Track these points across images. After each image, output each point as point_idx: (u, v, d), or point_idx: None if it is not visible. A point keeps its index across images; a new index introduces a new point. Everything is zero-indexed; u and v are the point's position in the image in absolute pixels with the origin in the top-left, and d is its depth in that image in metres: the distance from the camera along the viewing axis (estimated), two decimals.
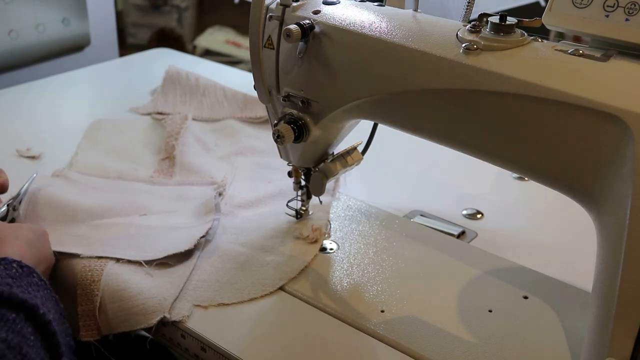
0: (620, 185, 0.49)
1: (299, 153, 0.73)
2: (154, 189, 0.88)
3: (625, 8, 0.51)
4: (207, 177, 0.91)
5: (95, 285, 0.68)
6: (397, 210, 0.85)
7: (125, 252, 0.72)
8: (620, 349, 0.51)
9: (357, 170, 0.79)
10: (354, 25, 0.62)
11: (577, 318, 0.66)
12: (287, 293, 0.69)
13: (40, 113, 1.10)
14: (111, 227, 0.78)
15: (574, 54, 0.53)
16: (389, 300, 0.68)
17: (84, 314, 0.67)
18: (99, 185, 0.87)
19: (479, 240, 0.80)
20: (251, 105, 1.11)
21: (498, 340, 0.63)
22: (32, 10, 1.27)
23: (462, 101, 0.56)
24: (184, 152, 0.95)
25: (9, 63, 1.28)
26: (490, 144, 0.58)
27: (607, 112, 0.49)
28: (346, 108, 0.65)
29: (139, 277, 0.69)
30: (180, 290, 0.68)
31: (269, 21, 0.67)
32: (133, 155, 0.97)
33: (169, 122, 1.03)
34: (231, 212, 0.83)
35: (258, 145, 1.01)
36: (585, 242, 0.74)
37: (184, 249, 0.73)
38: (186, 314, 0.65)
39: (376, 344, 0.63)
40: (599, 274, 0.54)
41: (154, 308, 0.65)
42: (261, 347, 0.63)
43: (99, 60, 1.40)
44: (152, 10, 2.95)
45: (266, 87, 0.68)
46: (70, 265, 0.71)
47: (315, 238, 0.76)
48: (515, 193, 0.91)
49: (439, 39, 0.57)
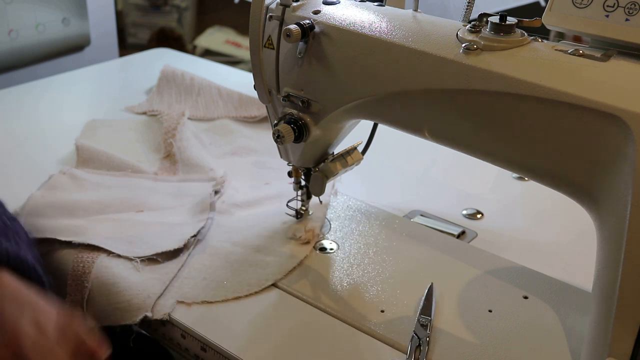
0: (620, 185, 0.49)
1: (299, 153, 0.73)
2: (156, 185, 0.88)
3: (625, 8, 0.51)
4: (207, 170, 0.91)
5: (85, 277, 0.69)
6: (397, 210, 0.85)
7: (117, 246, 0.73)
8: (620, 349, 0.51)
9: (357, 170, 0.79)
10: (354, 26, 0.62)
11: (577, 318, 0.66)
12: (287, 293, 0.69)
13: (40, 113, 1.10)
14: (106, 221, 0.79)
15: (574, 54, 0.53)
16: (389, 300, 0.68)
17: (72, 305, 0.68)
18: (103, 181, 0.88)
19: (479, 240, 0.80)
20: (246, 104, 1.12)
21: (498, 340, 0.63)
22: (32, 10, 1.27)
23: (462, 101, 0.56)
24: (182, 148, 0.95)
25: (9, 63, 1.28)
26: (490, 143, 0.58)
27: (607, 112, 0.49)
28: (346, 108, 0.65)
29: (128, 272, 0.70)
30: (165, 287, 0.69)
31: (269, 21, 0.67)
32: (132, 154, 0.97)
33: (165, 117, 1.04)
34: (227, 211, 0.83)
35: (253, 145, 1.01)
36: (585, 242, 0.74)
37: (174, 248, 0.73)
38: (167, 312, 0.66)
39: (376, 344, 0.63)
40: (599, 274, 0.54)
41: (138, 305, 0.66)
42: (261, 346, 0.63)
43: (99, 60, 1.40)
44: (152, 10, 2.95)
45: (266, 87, 0.68)
46: (63, 256, 0.72)
47: (308, 239, 0.76)
48: (515, 193, 0.91)
49: (439, 39, 0.58)
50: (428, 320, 0.64)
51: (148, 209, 0.83)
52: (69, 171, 0.88)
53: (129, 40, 2.97)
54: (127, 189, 0.87)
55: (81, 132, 1.02)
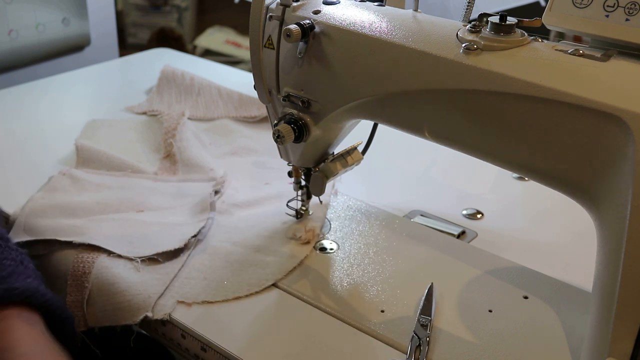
0: (620, 185, 0.49)
1: (299, 153, 0.73)
2: (156, 185, 0.88)
3: (625, 8, 0.51)
4: (207, 170, 0.91)
5: (85, 277, 0.69)
6: (397, 210, 0.85)
7: (117, 246, 0.73)
8: (620, 349, 0.51)
9: (357, 170, 0.79)
10: (354, 25, 0.62)
11: (577, 318, 0.66)
12: (287, 293, 0.69)
13: (40, 113, 1.10)
14: (106, 221, 0.79)
15: (574, 54, 0.53)
16: (389, 300, 0.68)
17: (72, 305, 0.68)
18: (103, 181, 0.88)
19: (479, 240, 0.80)
20: (246, 104, 1.12)
21: (498, 340, 0.63)
22: (32, 10, 1.27)
23: (462, 101, 0.56)
24: (182, 148, 0.95)
25: (9, 63, 1.28)
26: (490, 144, 0.58)
27: (607, 112, 0.49)
28: (346, 108, 0.65)
29: (128, 272, 0.70)
30: (165, 287, 0.69)
31: (269, 21, 0.67)
32: (132, 154, 0.97)
33: (165, 117, 1.04)
34: (227, 211, 0.83)
35: (253, 145, 1.01)
36: (585, 242, 0.74)
37: (174, 248, 0.73)
38: (168, 312, 0.66)
39: (376, 344, 0.63)
40: (599, 274, 0.54)
41: (139, 305, 0.66)
42: (261, 347, 0.63)
43: (99, 60, 1.40)
44: (152, 10, 2.94)
45: (266, 87, 0.68)
46: (63, 256, 0.72)
47: (308, 239, 0.76)
48: (515, 193, 0.91)
49: (439, 39, 0.58)
50: (428, 320, 0.64)
51: (148, 209, 0.83)
52: (68, 172, 0.88)
53: (129, 40, 2.96)
54: (127, 189, 0.87)
55: (81, 132, 1.02)
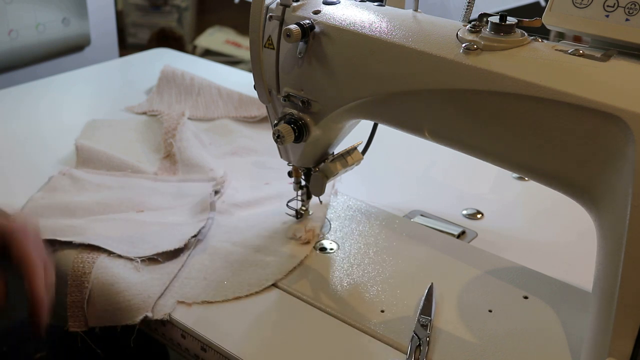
0: (620, 185, 0.49)
1: (299, 153, 0.73)
2: (156, 185, 0.88)
3: (625, 8, 0.51)
4: (207, 170, 0.91)
5: (85, 277, 0.69)
6: (397, 210, 0.85)
7: (117, 246, 0.73)
8: (620, 349, 0.51)
9: (357, 170, 0.79)
10: (354, 25, 0.62)
11: (577, 318, 0.66)
12: (287, 293, 0.69)
13: (40, 113, 1.10)
14: (106, 222, 0.79)
15: (574, 54, 0.53)
16: (389, 300, 0.68)
17: (72, 305, 0.68)
18: (103, 181, 0.88)
19: (479, 240, 0.80)
20: (246, 104, 1.12)
21: (498, 340, 0.63)
22: (32, 10, 1.27)
23: (462, 101, 0.56)
24: (182, 148, 0.95)
25: (9, 63, 1.28)
26: (490, 144, 0.58)
27: (607, 112, 0.49)
28: (346, 108, 0.65)
29: (128, 272, 0.70)
30: (165, 287, 0.69)
31: (269, 21, 0.67)
32: (132, 154, 0.97)
33: (165, 117, 1.04)
34: (227, 211, 0.83)
35: (253, 145, 1.01)
36: (585, 242, 0.74)
37: (174, 248, 0.73)
38: (168, 312, 0.66)
39: (376, 344, 0.63)
40: (599, 273, 0.54)
41: (139, 305, 0.66)
42: (261, 347, 0.63)
43: (99, 60, 1.40)
44: (152, 10, 2.94)
45: (266, 87, 0.68)
46: (63, 256, 0.72)
47: (308, 239, 0.76)
48: (515, 193, 0.91)
49: (439, 39, 0.58)
50: (428, 320, 0.64)
51: (148, 209, 0.83)
52: (68, 172, 0.88)
53: (129, 40, 2.96)
54: (127, 189, 0.87)
55: (81, 132, 1.02)
